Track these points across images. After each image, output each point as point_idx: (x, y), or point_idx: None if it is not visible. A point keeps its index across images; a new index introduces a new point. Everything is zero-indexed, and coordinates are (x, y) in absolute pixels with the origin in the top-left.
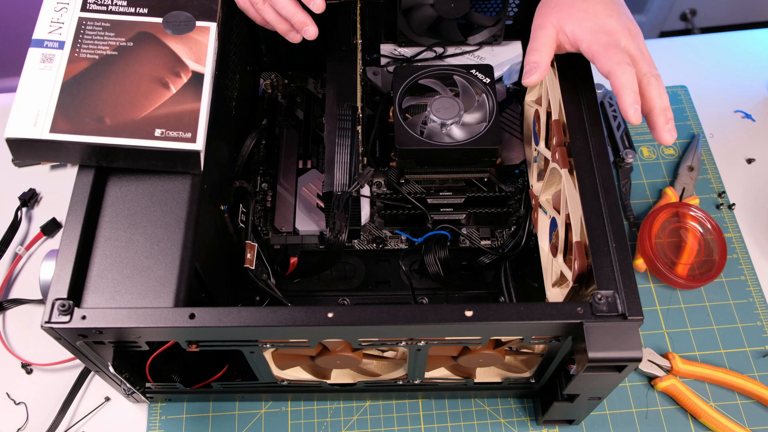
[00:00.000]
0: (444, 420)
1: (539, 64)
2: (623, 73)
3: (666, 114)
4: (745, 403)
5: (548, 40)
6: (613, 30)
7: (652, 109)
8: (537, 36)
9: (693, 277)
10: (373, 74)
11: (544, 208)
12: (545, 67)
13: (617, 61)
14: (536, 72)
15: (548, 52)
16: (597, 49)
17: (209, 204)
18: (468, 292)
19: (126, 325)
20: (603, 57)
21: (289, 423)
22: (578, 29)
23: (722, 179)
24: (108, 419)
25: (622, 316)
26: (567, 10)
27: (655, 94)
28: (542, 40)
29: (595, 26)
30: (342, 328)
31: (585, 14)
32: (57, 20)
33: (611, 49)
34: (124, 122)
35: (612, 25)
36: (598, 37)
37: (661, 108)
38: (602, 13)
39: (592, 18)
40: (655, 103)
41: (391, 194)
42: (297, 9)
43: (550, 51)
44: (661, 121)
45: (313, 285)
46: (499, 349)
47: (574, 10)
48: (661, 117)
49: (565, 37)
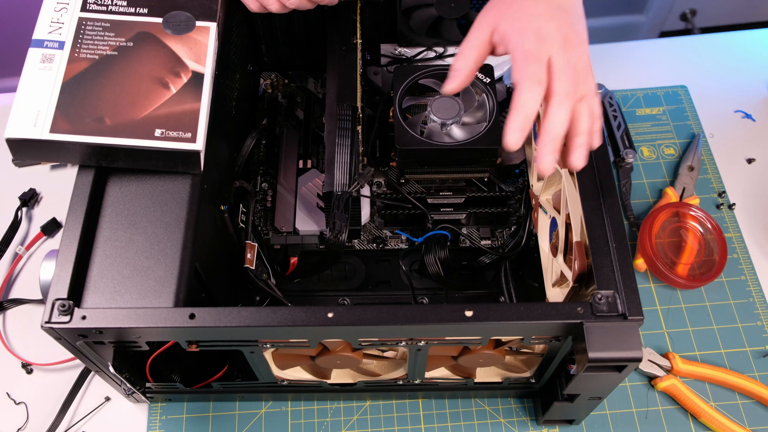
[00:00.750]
0: (444, 420)
1: (460, 71)
2: (525, 91)
3: (554, 143)
4: (745, 403)
5: (478, 42)
6: (546, 36)
7: (543, 132)
8: (469, 36)
9: (693, 277)
10: (373, 74)
11: (544, 208)
12: (467, 75)
13: (527, 75)
14: (455, 80)
15: (475, 57)
16: (517, 55)
17: (209, 204)
18: (468, 292)
19: (126, 325)
20: (517, 65)
21: (289, 423)
22: (510, 28)
23: (722, 179)
24: (108, 419)
25: (622, 316)
26: (507, 8)
27: (556, 119)
28: (471, 42)
29: (526, 27)
30: (342, 328)
31: (522, 13)
32: (57, 20)
33: (528, 60)
34: (124, 122)
35: (547, 30)
36: (524, 40)
37: (553, 136)
38: (541, 16)
39: (528, 18)
40: (551, 128)
41: (391, 194)
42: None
43: (478, 56)
44: (546, 150)
45: (313, 285)
46: (499, 349)
47: (514, 9)
48: (549, 145)
49: (499, 36)
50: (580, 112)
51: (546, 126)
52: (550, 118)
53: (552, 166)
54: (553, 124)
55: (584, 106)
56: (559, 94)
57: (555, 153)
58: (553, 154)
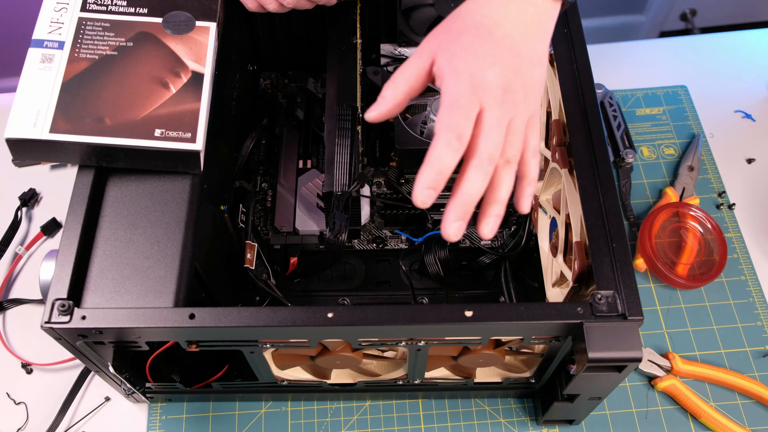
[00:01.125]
0: (444, 420)
1: (386, 100)
2: (442, 145)
3: (464, 208)
4: (745, 403)
5: (413, 72)
6: (483, 84)
7: (455, 194)
8: (406, 63)
9: (693, 277)
10: (373, 74)
11: (544, 208)
12: (394, 106)
13: (448, 126)
14: (378, 108)
15: (405, 87)
16: (444, 100)
17: (209, 204)
18: (468, 292)
19: (126, 325)
20: (441, 111)
21: (289, 423)
22: (446, 66)
23: (722, 179)
24: (108, 419)
25: (622, 316)
26: (450, 41)
27: (470, 183)
28: (407, 71)
29: (463, 70)
30: (342, 328)
31: (463, 52)
32: (57, 20)
33: (453, 109)
34: (124, 122)
35: (485, 77)
36: (457, 84)
37: (464, 200)
38: (484, 59)
39: (469, 60)
40: (464, 192)
41: (391, 194)
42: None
43: (411, 87)
44: (452, 214)
45: (313, 285)
46: (499, 349)
47: (456, 44)
48: (458, 209)
49: (437, 69)
50: (501, 179)
51: (458, 189)
52: (464, 181)
53: (459, 234)
54: (466, 188)
55: (507, 173)
56: (479, 157)
57: (464, 220)
58: (462, 221)
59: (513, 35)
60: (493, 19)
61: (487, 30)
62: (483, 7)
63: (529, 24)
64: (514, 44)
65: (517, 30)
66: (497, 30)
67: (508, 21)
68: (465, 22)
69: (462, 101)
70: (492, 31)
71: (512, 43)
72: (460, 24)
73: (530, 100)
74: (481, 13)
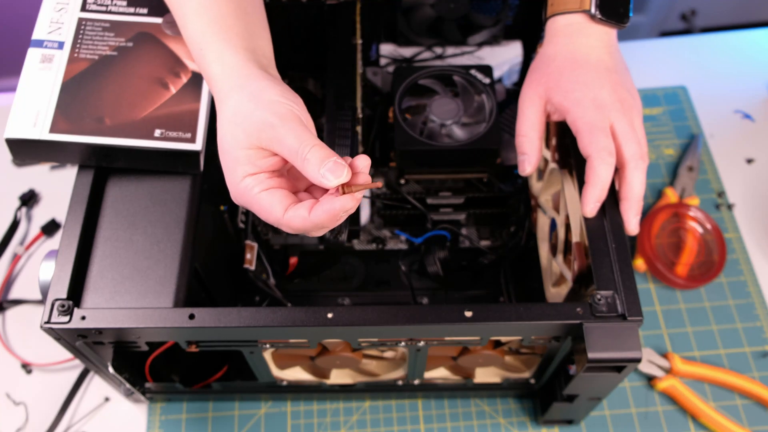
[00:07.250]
0: (444, 420)
1: (530, 155)
2: (600, 163)
3: (638, 204)
4: (745, 404)
5: (535, 119)
6: (603, 103)
7: (626, 197)
8: (524, 114)
9: (693, 278)
10: (373, 74)
11: (543, 208)
12: (537, 156)
13: (598, 147)
14: (528, 164)
15: (537, 135)
16: (581, 127)
17: (209, 204)
18: (468, 292)
19: (126, 325)
20: (585, 139)
21: (288, 423)
22: (565, 101)
23: (722, 179)
24: (108, 419)
25: (622, 317)
26: (555, 80)
27: (635, 182)
28: (530, 120)
29: (583, 98)
30: (342, 328)
31: (574, 85)
32: (57, 20)
33: (594, 132)
34: (124, 122)
35: (603, 97)
36: (584, 112)
37: (636, 198)
38: (593, 84)
39: (581, 89)
40: (633, 192)
41: (391, 194)
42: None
43: (540, 133)
44: (631, 213)
45: (313, 285)
46: (498, 350)
47: (564, 81)
48: (634, 207)
49: (553, 107)
50: (643, 177)
51: (625, 191)
52: (628, 183)
53: (639, 227)
54: (631, 188)
55: (646, 165)
56: (632, 160)
57: (639, 214)
58: (638, 216)
59: (602, 58)
60: (581, 51)
61: (583, 60)
62: (566, 46)
63: (608, 45)
64: (607, 64)
65: (603, 52)
66: (590, 58)
67: (593, 49)
68: (558, 62)
69: (598, 124)
70: (587, 60)
71: (606, 65)
72: (557, 64)
73: (636, 100)
74: (568, 50)
